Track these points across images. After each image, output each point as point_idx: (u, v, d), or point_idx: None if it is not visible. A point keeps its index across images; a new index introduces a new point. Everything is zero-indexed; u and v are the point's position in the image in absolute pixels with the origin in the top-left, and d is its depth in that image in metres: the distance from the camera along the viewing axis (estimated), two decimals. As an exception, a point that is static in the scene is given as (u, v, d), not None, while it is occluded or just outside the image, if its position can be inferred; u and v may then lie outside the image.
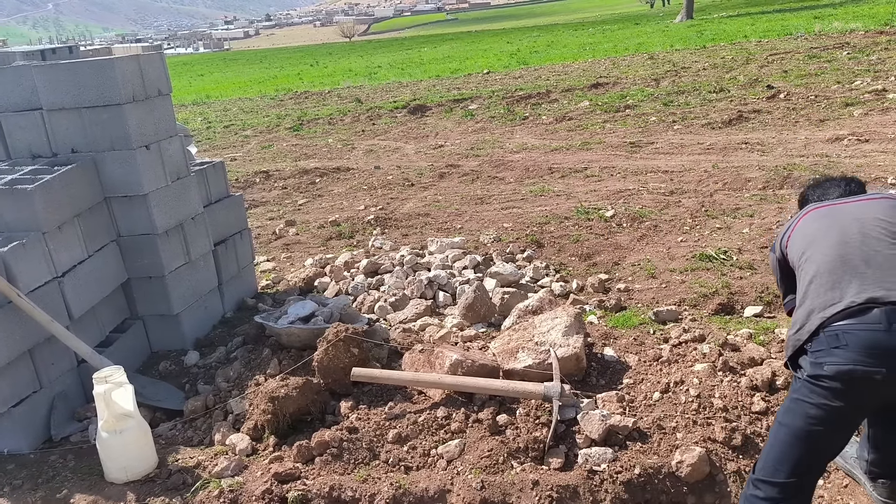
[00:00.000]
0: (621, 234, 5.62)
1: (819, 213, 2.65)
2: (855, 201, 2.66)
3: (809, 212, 2.69)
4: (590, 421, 3.12)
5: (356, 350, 3.56)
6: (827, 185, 2.88)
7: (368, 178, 8.46)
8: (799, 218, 2.71)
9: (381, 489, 2.97)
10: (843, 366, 2.14)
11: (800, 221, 2.68)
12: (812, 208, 2.71)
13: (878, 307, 2.15)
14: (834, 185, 2.85)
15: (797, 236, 2.64)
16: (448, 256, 5.16)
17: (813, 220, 2.63)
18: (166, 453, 3.29)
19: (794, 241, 2.64)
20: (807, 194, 2.95)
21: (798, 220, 2.69)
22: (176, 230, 4.13)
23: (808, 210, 2.71)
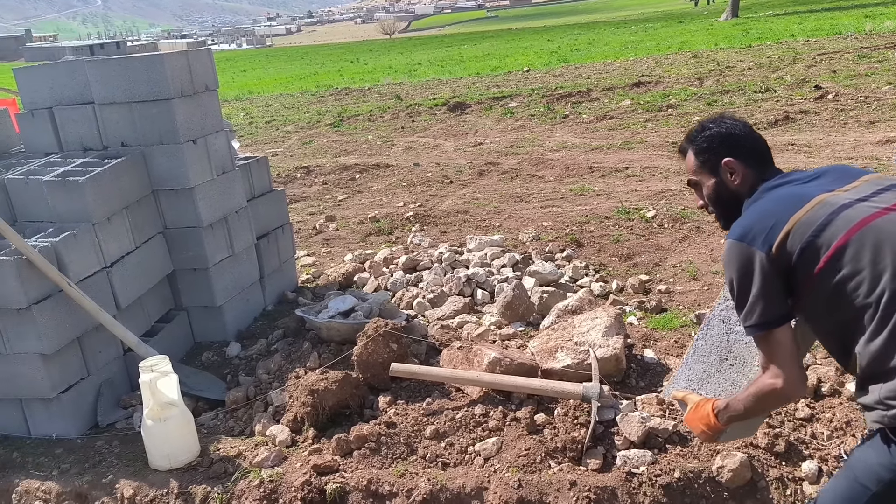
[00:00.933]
0: (663, 234, 5.55)
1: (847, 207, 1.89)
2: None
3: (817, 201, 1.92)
4: (629, 423, 3.09)
5: (395, 345, 3.59)
6: (753, 150, 2.20)
7: (408, 174, 8.49)
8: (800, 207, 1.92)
9: (418, 484, 2.98)
10: None
11: (806, 213, 1.90)
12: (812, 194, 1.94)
13: None
14: (761, 152, 2.20)
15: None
16: (487, 254, 5.15)
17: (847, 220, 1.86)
18: (208, 442, 3.35)
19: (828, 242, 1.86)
20: (718, 150, 2.20)
21: (805, 212, 1.91)
22: (220, 223, 4.20)
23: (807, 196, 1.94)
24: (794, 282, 1.92)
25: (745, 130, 2.24)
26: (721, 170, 2.20)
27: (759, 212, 2.00)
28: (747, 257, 1.93)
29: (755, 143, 2.22)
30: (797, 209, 1.91)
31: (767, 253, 1.90)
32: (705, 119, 2.32)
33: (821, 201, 1.91)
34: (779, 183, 2.10)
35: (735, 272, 1.97)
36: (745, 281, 1.95)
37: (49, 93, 4.02)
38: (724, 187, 2.21)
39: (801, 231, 1.88)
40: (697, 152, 2.26)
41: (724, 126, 2.23)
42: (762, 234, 1.92)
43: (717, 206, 2.27)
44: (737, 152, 2.19)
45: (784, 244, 1.89)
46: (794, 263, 1.89)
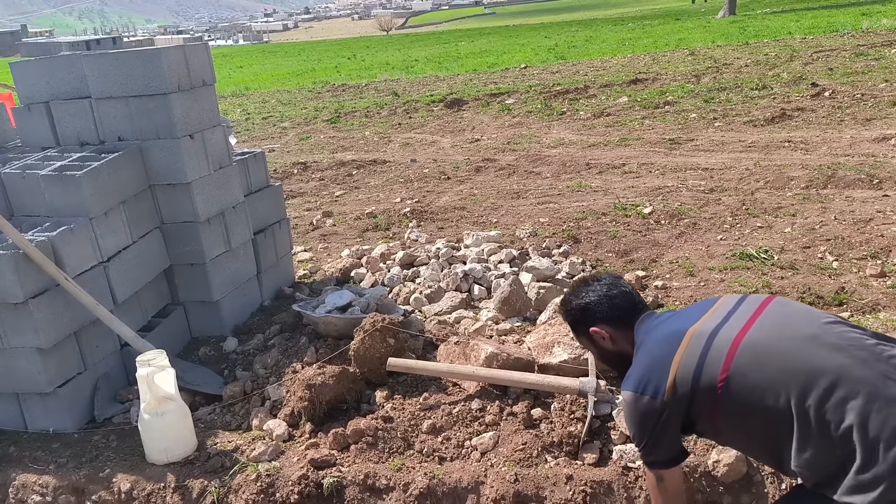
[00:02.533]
0: (659, 231, 5.56)
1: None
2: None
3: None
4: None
5: (392, 340, 3.59)
6: (612, 311, 2.28)
7: (405, 170, 8.49)
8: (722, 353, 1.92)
9: (415, 478, 2.99)
10: None
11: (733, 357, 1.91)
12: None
13: None
14: (621, 308, 2.29)
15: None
16: (484, 250, 5.15)
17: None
18: (205, 436, 3.35)
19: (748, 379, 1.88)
20: (582, 323, 2.35)
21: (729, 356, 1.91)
22: (217, 218, 4.20)
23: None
24: (697, 413, 1.99)
25: (607, 293, 2.33)
26: (595, 338, 2.37)
27: (645, 360, 2.09)
28: (644, 407, 2.02)
29: (616, 303, 2.31)
30: (675, 350, 1.98)
31: (662, 400, 1.99)
32: (572, 286, 2.51)
33: (691, 334, 2.00)
34: (654, 325, 2.19)
35: (631, 421, 2.10)
36: (642, 428, 2.06)
37: (46, 87, 4.01)
38: (605, 350, 2.36)
39: (685, 372, 1.95)
40: (570, 324, 2.48)
41: (580, 298, 2.38)
42: (653, 383, 2.00)
43: (609, 364, 2.46)
44: (598, 320, 2.33)
45: (675, 388, 1.97)
46: (691, 400, 1.97)
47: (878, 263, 4.44)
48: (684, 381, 1.94)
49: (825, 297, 4.05)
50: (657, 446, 2.06)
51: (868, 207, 5.50)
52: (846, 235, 4.94)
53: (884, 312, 3.85)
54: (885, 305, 3.92)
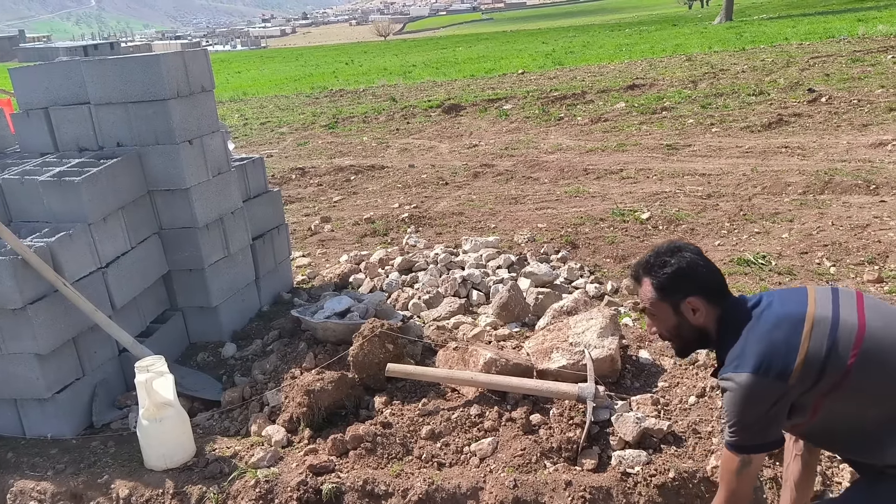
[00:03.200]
0: (657, 236, 5.57)
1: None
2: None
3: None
4: (624, 423, 3.11)
5: (391, 346, 3.59)
6: (715, 285, 2.16)
7: (403, 176, 8.50)
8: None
9: (414, 484, 2.99)
10: None
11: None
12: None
13: None
14: (721, 284, 2.18)
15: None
16: (482, 255, 5.16)
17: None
18: (204, 442, 3.35)
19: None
20: (680, 288, 2.15)
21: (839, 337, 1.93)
22: (216, 224, 4.20)
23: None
24: (809, 397, 1.95)
25: (705, 264, 2.16)
26: (683, 307, 2.15)
27: (763, 343, 1.97)
28: (764, 389, 1.94)
29: (715, 277, 2.16)
30: (799, 334, 1.93)
31: (785, 382, 1.92)
32: (661, 247, 2.22)
33: (813, 318, 1.95)
34: (754, 309, 2.07)
35: (744, 403, 1.96)
36: (755, 410, 1.96)
37: (45, 93, 4.01)
38: (687, 324, 2.17)
39: (814, 353, 1.91)
40: (657, 287, 2.17)
41: (684, 260, 2.14)
42: (778, 365, 1.92)
43: (678, 339, 2.25)
44: (700, 290, 2.13)
45: (803, 369, 1.91)
46: (816, 382, 1.92)
47: (876, 269, 4.45)
48: (814, 363, 1.91)
49: (823, 302, 4.06)
50: (763, 429, 1.98)
51: (865, 213, 5.52)
52: (843, 241, 4.95)
53: (881, 318, 3.86)
54: (882, 311, 3.93)
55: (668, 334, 2.23)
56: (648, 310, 2.24)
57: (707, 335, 2.17)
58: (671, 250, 2.18)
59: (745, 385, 1.94)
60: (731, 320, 2.10)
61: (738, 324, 2.07)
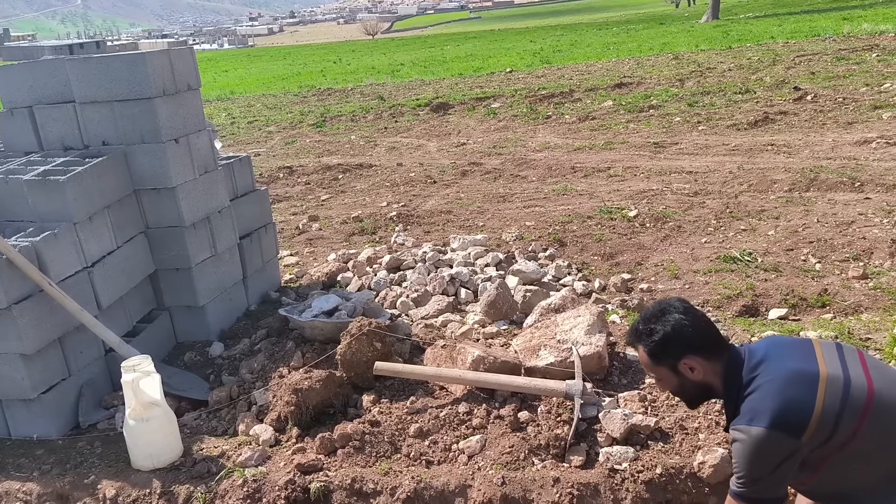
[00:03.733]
0: (644, 234, 5.60)
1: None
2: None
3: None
4: (611, 419, 3.12)
5: (379, 344, 3.59)
6: (707, 340, 2.16)
7: (391, 174, 8.50)
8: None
9: (402, 482, 2.99)
10: None
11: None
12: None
13: None
14: (714, 338, 2.18)
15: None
16: (470, 254, 5.17)
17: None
18: (191, 442, 3.34)
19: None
20: (672, 352, 2.14)
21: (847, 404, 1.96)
22: (203, 223, 4.19)
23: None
24: (815, 457, 1.98)
25: (692, 322, 2.14)
26: (680, 368, 2.16)
27: (779, 399, 1.97)
28: (778, 444, 1.95)
29: (705, 333, 2.16)
30: (815, 392, 1.95)
31: (799, 439, 1.94)
32: (647, 312, 2.21)
33: (826, 378, 1.97)
34: (764, 363, 2.07)
35: (755, 457, 1.97)
36: (766, 464, 1.98)
37: (29, 91, 3.98)
38: (689, 382, 2.18)
39: (828, 414, 1.93)
40: (650, 354, 2.18)
41: (669, 325, 2.13)
42: (793, 422, 1.94)
43: (684, 396, 2.27)
44: (692, 349, 2.13)
45: (816, 429, 1.93)
46: (825, 442, 1.95)
47: (860, 265, 4.49)
48: (827, 421, 1.93)
49: (808, 298, 4.09)
50: (773, 484, 2.01)
51: (850, 210, 5.57)
52: (829, 238, 4.99)
53: (866, 314, 3.89)
54: (867, 307, 3.97)
55: (674, 392, 2.26)
56: (650, 374, 2.28)
57: (711, 388, 2.18)
58: (656, 315, 2.18)
59: (759, 439, 1.96)
60: (735, 373, 2.11)
61: (742, 377, 2.09)
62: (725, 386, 2.13)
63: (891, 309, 3.89)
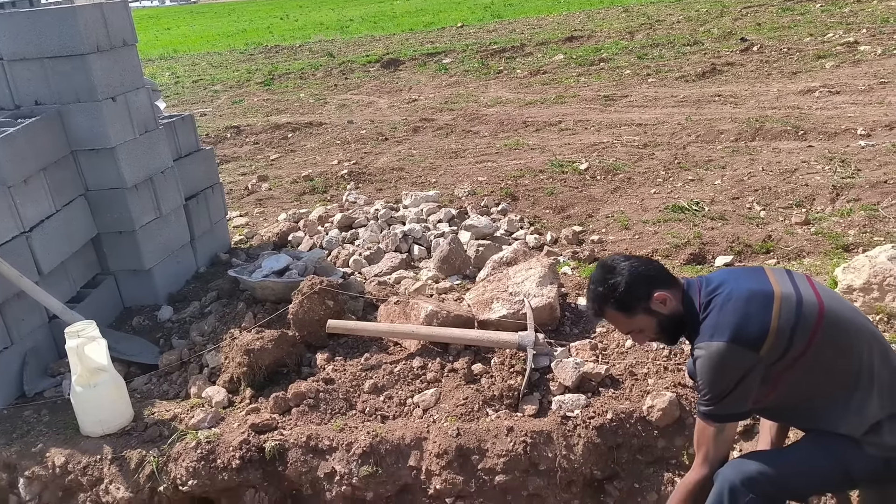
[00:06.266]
0: (595, 186, 5.63)
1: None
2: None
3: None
4: (563, 368, 3.16)
5: (331, 302, 3.56)
6: (661, 272, 2.26)
7: (341, 132, 8.36)
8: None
9: (357, 438, 3.00)
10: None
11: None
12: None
13: None
14: (663, 269, 2.29)
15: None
16: (423, 210, 5.14)
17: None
18: (142, 407, 3.29)
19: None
20: (639, 293, 2.20)
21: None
22: (145, 184, 4.07)
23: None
24: (771, 371, 2.06)
25: (640, 262, 2.24)
26: (653, 306, 2.20)
27: (736, 315, 2.05)
28: (738, 357, 2.03)
29: (656, 267, 2.26)
30: (770, 308, 2.04)
31: (757, 353, 2.02)
32: (594, 278, 2.26)
33: (780, 298, 2.06)
34: (721, 286, 2.15)
35: (718, 372, 2.05)
36: (730, 379, 2.05)
37: (-48, 49, 3.78)
38: (664, 317, 2.23)
39: (783, 326, 2.02)
40: (621, 308, 2.22)
41: (624, 271, 2.20)
42: (751, 335, 2.02)
43: (665, 334, 2.30)
44: (654, 284, 2.21)
45: (774, 340, 2.02)
46: (782, 355, 2.04)
47: (803, 212, 4.60)
48: (783, 335, 2.01)
49: (753, 245, 4.18)
50: (737, 399, 2.06)
51: (794, 158, 5.68)
52: (773, 186, 5.09)
53: (808, 258, 4.00)
54: (809, 252, 4.07)
55: (655, 335, 2.29)
56: (631, 330, 2.30)
57: (683, 319, 2.23)
58: (608, 271, 2.23)
59: (720, 353, 2.03)
60: (693, 298, 2.19)
61: (700, 301, 2.17)
62: (686, 311, 2.20)
63: (831, 253, 4.00)
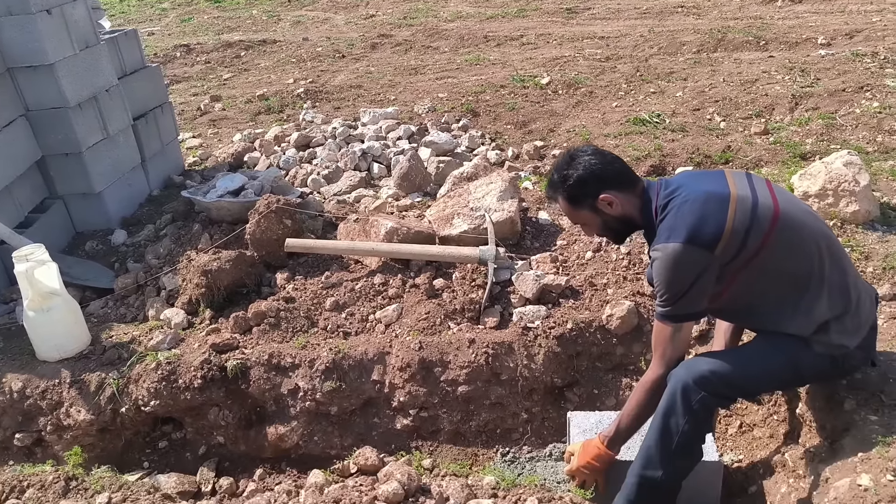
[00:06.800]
0: (557, 100, 5.56)
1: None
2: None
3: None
4: (524, 281, 3.17)
5: (289, 221, 3.50)
6: (620, 175, 2.23)
7: (297, 50, 8.09)
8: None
9: (320, 354, 3.00)
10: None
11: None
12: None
13: None
14: (624, 172, 2.25)
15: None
16: (382, 127, 5.03)
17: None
18: (100, 330, 3.24)
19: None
20: (588, 192, 2.20)
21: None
22: (90, 103, 3.89)
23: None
24: (727, 270, 2.08)
25: (602, 160, 2.22)
26: (599, 206, 2.21)
27: (692, 217, 2.05)
28: (693, 257, 2.03)
29: (616, 168, 2.23)
30: (726, 209, 2.05)
31: (712, 253, 2.03)
32: (558, 162, 2.28)
33: (736, 197, 2.08)
34: (679, 189, 2.14)
35: (673, 273, 2.06)
36: (685, 279, 2.06)
37: None
38: (610, 218, 2.23)
39: (738, 227, 2.03)
40: (569, 199, 2.24)
41: (581, 166, 2.20)
42: (706, 235, 2.03)
43: (610, 233, 2.31)
44: (607, 185, 2.20)
45: (728, 240, 2.02)
46: (736, 254, 2.04)
47: (762, 122, 4.61)
48: (737, 234, 2.03)
49: (712, 156, 4.18)
50: (692, 299, 2.09)
51: (754, 68, 5.65)
52: (733, 96, 5.07)
53: (766, 168, 4.02)
54: (767, 161, 4.09)
55: (600, 233, 2.31)
56: (575, 222, 2.32)
57: (633, 221, 2.24)
58: (567, 162, 2.24)
59: (676, 253, 2.04)
60: (651, 200, 2.19)
61: (660, 204, 2.16)
62: (643, 214, 2.21)
63: (789, 162, 4.02)
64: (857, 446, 2.06)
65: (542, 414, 3.00)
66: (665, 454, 2.12)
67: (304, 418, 2.99)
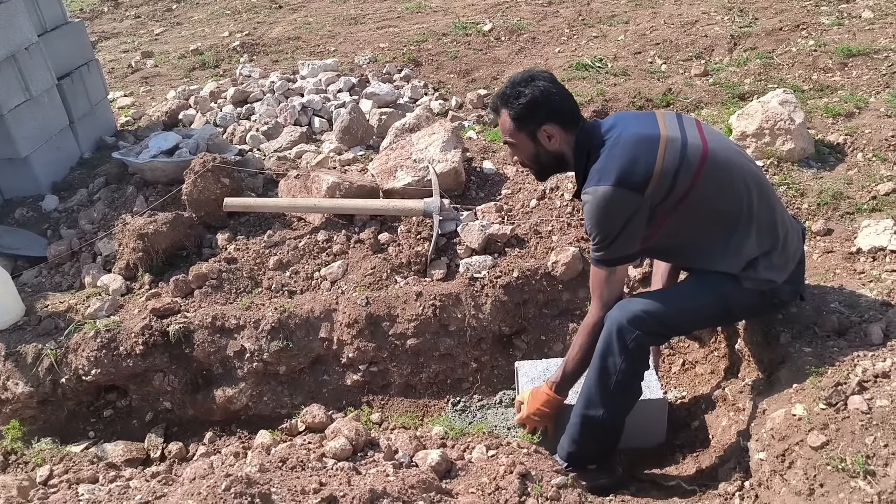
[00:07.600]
0: (500, 48, 5.48)
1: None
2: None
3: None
4: (470, 232, 3.16)
5: (227, 180, 3.41)
6: (569, 112, 2.20)
7: (231, 2, 7.80)
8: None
9: (265, 314, 2.96)
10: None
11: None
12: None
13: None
14: (574, 110, 2.22)
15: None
16: (321, 80, 4.90)
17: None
18: (34, 300, 3.14)
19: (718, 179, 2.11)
20: (536, 117, 2.16)
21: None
22: (8, 62, 3.70)
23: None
24: (658, 211, 2.09)
25: (558, 91, 2.18)
26: (539, 135, 2.18)
27: (622, 159, 2.05)
28: (623, 199, 2.04)
29: (568, 104, 2.20)
30: (655, 151, 2.05)
31: (642, 194, 2.03)
32: (516, 77, 2.21)
33: (666, 138, 2.08)
34: (611, 131, 2.14)
35: (604, 215, 2.06)
36: (616, 222, 2.07)
37: None
38: (544, 151, 2.21)
39: (667, 168, 2.04)
40: (514, 118, 2.19)
41: (538, 89, 2.15)
42: (636, 178, 2.03)
43: (537, 165, 2.28)
44: (554, 117, 2.16)
45: (657, 181, 2.03)
46: (667, 194, 2.06)
47: (702, 63, 4.62)
48: (667, 175, 2.04)
49: (654, 99, 4.19)
50: (624, 242, 2.09)
51: (694, 10, 5.64)
52: (674, 38, 5.07)
53: (706, 109, 4.04)
54: (707, 102, 4.11)
55: (528, 161, 2.28)
56: (508, 140, 2.27)
57: (564, 160, 2.23)
58: (525, 80, 2.18)
59: (606, 196, 2.04)
60: (585, 143, 2.17)
61: (593, 146, 2.15)
62: (576, 155, 2.20)
63: (728, 102, 4.05)
64: (792, 378, 2.11)
65: (491, 362, 3.02)
66: (605, 393, 2.17)
67: (252, 379, 2.96)
